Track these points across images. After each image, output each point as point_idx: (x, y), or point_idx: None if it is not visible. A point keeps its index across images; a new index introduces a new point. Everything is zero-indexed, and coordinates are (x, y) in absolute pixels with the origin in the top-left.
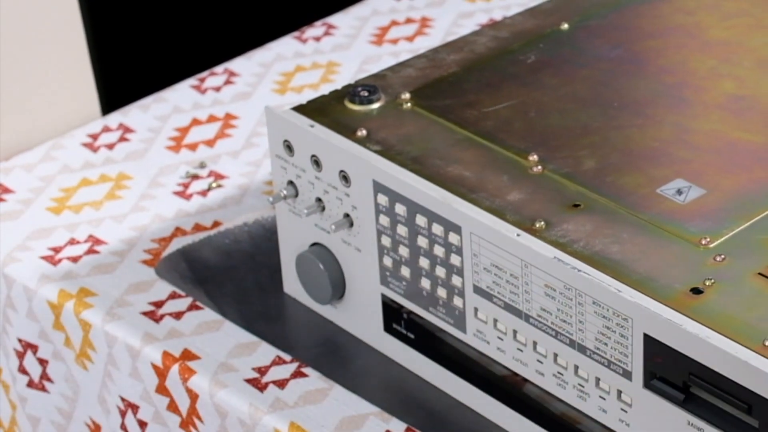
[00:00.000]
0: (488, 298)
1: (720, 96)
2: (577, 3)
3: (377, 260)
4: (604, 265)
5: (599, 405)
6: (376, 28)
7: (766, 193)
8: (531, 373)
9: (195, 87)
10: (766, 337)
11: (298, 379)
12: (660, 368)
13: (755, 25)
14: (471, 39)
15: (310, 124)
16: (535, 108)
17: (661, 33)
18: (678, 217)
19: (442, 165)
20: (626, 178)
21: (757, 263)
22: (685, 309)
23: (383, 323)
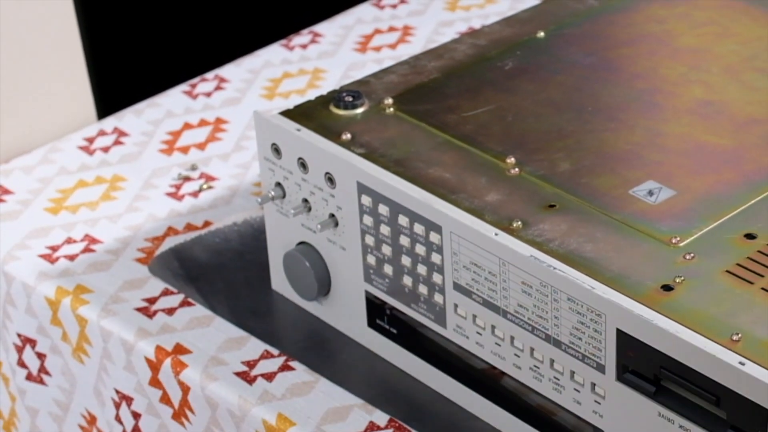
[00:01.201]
0: (467, 294)
1: (690, 101)
2: (553, 12)
3: (361, 258)
4: (578, 263)
5: (574, 397)
6: (360, 36)
7: (733, 194)
8: (509, 367)
9: (186, 92)
10: (733, 332)
11: (285, 373)
12: (632, 362)
13: (723, 34)
14: (451, 46)
15: (296, 128)
16: (513, 112)
17: (633, 41)
18: (649, 217)
19: (424, 167)
20: (600, 179)
21: (725, 261)
22: (656, 305)
23: (367, 319)
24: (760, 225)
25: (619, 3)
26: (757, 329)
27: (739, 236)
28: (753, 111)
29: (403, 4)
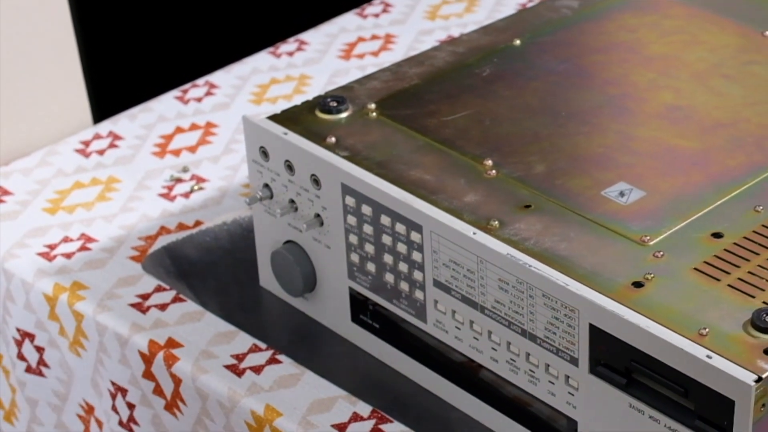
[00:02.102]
0: (447, 291)
1: (659, 106)
2: (529, 21)
3: (345, 256)
4: (553, 260)
5: (548, 389)
6: (344, 44)
7: (701, 194)
8: (486, 360)
9: (178, 98)
10: (701, 327)
11: (272, 365)
12: (604, 355)
13: (691, 41)
14: (431, 54)
15: (283, 131)
16: (490, 117)
17: (605, 48)
18: (621, 217)
19: (405, 169)
20: (573, 181)
21: (693, 259)
22: (628, 301)
23: (351, 314)
24: (726, 224)
25: (591, 12)
26: (724, 324)
27: (707, 235)
28: (720, 116)
29: (386, 13)
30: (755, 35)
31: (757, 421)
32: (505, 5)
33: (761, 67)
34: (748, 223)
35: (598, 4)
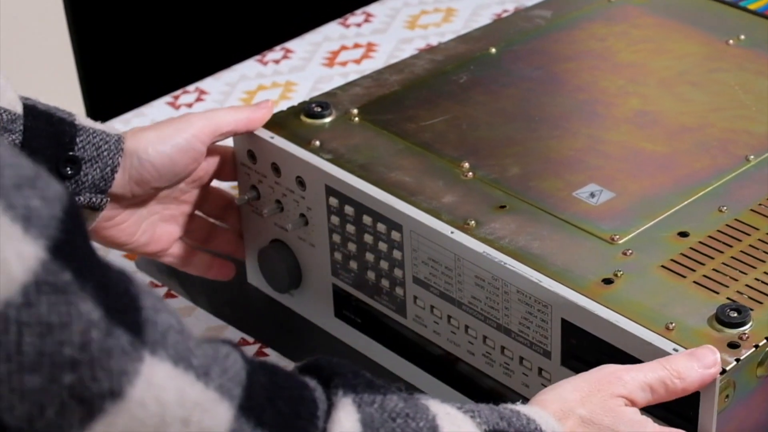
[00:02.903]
0: (426, 287)
1: (628, 111)
2: (503, 30)
3: (329, 254)
4: (526, 258)
5: (523, 381)
6: (328, 52)
7: (667, 196)
8: (463, 353)
9: (170, 103)
10: (668, 322)
11: (260, 358)
12: (576, 349)
13: (658, 50)
14: (411, 62)
15: (270, 135)
16: (467, 122)
17: (576, 56)
18: (591, 217)
19: (386, 171)
20: (546, 183)
21: (660, 257)
22: (598, 297)
23: (334, 309)
24: (692, 224)
25: (563, 22)
26: (690, 319)
27: (673, 234)
28: (685, 120)
29: (367, 23)
30: (719, 44)
31: (722, 411)
32: (481, 15)
33: (725, 74)
34: (713, 223)
35: (569, 15)
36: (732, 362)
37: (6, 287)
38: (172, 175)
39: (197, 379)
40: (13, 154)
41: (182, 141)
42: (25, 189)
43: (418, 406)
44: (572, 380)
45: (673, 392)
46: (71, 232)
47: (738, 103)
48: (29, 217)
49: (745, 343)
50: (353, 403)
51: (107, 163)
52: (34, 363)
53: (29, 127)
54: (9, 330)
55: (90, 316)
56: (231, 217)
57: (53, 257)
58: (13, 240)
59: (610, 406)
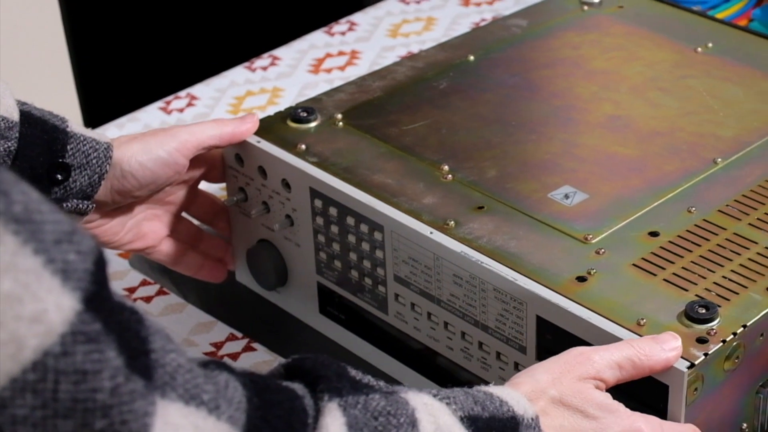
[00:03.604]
0: (406, 285)
1: (600, 116)
2: (481, 38)
3: (314, 254)
4: (503, 257)
5: (499, 374)
6: (314, 59)
7: (639, 197)
8: (442, 348)
9: (162, 108)
10: (639, 318)
11: (248, 353)
12: (550, 344)
13: (629, 57)
14: (393, 68)
15: (257, 140)
16: (446, 126)
17: (551, 64)
18: (565, 218)
19: (369, 174)
20: (522, 184)
21: (632, 256)
22: (572, 294)
23: (319, 306)
24: (662, 224)
25: (539, 31)
26: (660, 315)
27: (644, 234)
28: (656, 125)
29: (351, 31)
30: (688, 51)
31: (691, 403)
32: (460, 24)
33: (694, 80)
34: (682, 223)
35: (544, 23)
36: (700, 357)
37: (46, 338)
38: (154, 185)
39: (209, 414)
40: (52, 210)
41: (164, 154)
42: (64, 244)
43: (398, 402)
44: (545, 363)
45: (640, 369)
46: (100, 283)
47: (706, 108)
48: (67, 270)
49: (713, 339)
50: (339, 407)
51: (95, 170)
52: (68, 409)
53: (24, 134)
54: (47, 378)
55: (115, 362)
56: (220, 222)
57: (86, 308)
58: (53, 293)
59: (580, 389)
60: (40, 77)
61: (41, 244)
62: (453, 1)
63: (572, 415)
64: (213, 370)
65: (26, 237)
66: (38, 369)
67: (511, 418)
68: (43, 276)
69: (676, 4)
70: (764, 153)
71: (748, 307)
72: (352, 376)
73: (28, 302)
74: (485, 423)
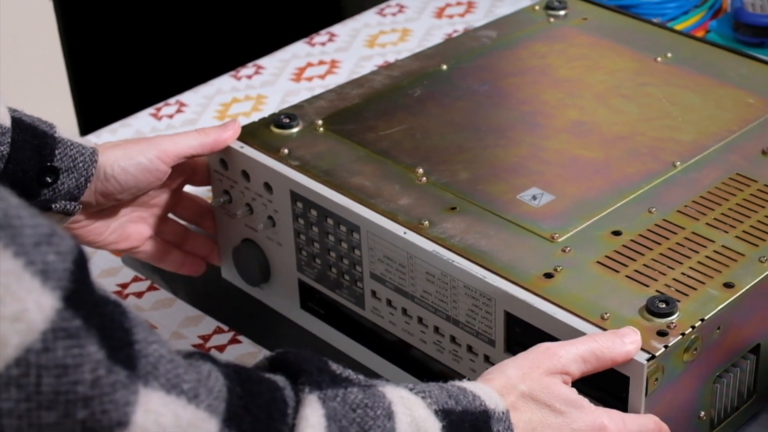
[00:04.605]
0: (382, 282)
1: (566, 122)
2: (454, 49)
3: (295, 252)
4: (474, 255)
5: (470, 366)
6: (296, 68)
7: (602, 198)
8: (416, 341)
9: (153, 115)
10: (603, 312)
11: (234, 345)
12: (518, 337)
13: (593, 66)
14: (370, 77)
15: (240, 145)
16: (421, 131)
17: (519, 72)
18: (533, 218)
19: (348, 176)
20: (492, 186)
21: (596, 254)
22: (539, 290)
23: (300, 302)
24: (624, 224)
25: (508, 41)
26: (623, 309)
27: (607, 233)
28: (618, 130)
29: (331, 42)
30: (648, 60)
31: (651, 393)
32: (434, 35)
33: (654, 88)
34: (644, 223)
35: (513, 34)
36: (661, 348)
37: (27, 335)
38: (136, 189)
39: (189, 402)
40: (31, 215)
41: (146, 161)
42: (43, 246)
43: (375, 395)
44: (514, 359)
45: (603, 362)
46: (80, 281)
47: (666, 114)
48: (47, 271)
49: (673, 332)
50: (318, 399)
51: (82, 173)
52: (51, 401)
53: (16, 139)
54: (29, 373)
55: (96, 356)
56: (206, 222)
57: (66, 306)
58: (33, 293)
59: (548, 384)
60: (38, 85)
61: (21, 248)
62: (427, 14)
63: (540, 409)
64: (197, 360)
65: (6, 241)
66: (21, 365)
67: (483, 411)
68: (23, 277)
69: (637, 16)
70: (720, 156)
71: (705, 301)
72: (332, 370)
73: (9, 303)
74: (458, 416)
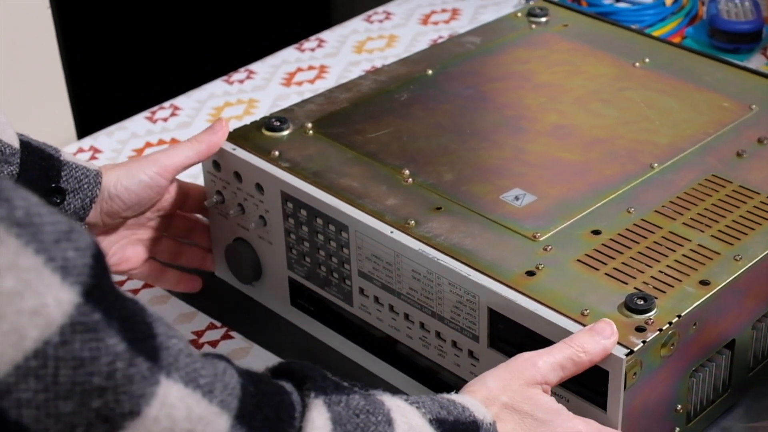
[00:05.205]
0: (369, 280)
1: (547, 125)
2: (439, 54)
3: (285, 251)
4: (459, 253)
5: (455, 361)
6: (286, 73)
7: (582, 198)
8: (402, 337)
9: (148, 118)
10: (583, 309)
11: (226, 340)
12: (501, 333)
13: (573, 71)
14: (358, 82)
15: (232, 147)
16: (407, 134)
17: (502, 77)
18: (516, 218)
19: (337, 177)
20: (476, 187)
21: (576, 252)
22: (521, 287)
23: (290, 299)
24: (603, 223)
25: (491, 47)
26: (602, 306)
27: (587, 232)
28: (597, 133)
29: (320, 48)
30: (627, 66)
31: (630, 387)
32: (420, 41)
33: (632, 92)
34: (622, 222)
35: (496, 41)
36: (639, 344)
37: (46, 329)
38: (138, 206)
39: (203, 397)
40: (51, 212)
41: (147, 178)
42: (63, 242)
43: (375, 402)
44: (494, 370)
45: (581, 365)
46: (99, 276)
47: (643, 117)
48: (66, 267)
49: (651, 327)
50: (324, 403)
51: (87, 194)
52: (68, 392)
53: (24, 160)
54: (47, 365)
55: (115, 348)
56: (197, 236)
57: (85, 300)
58: (52, 288)
59: (529, 395)
60: (37, 91)
61: (42, 245)
62: (413, 21)
63: (523, 419)
64: (212, 358)
65: (28, 239)
66: (39, 357)
67: (473, 422)
68: (43, 273)
69: (616, 23)
70: (697, 158)
71: (682, 298)
72: (333, 379)
73: (28, 297)
74: (451, 425)
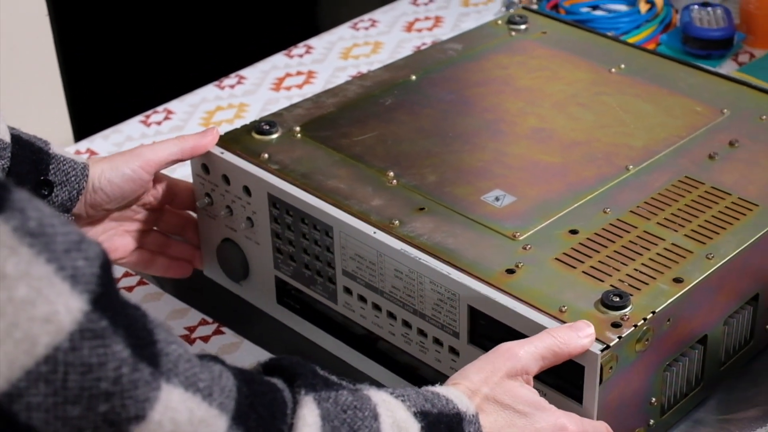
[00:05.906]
0: (353, 278)
1: (527, 128)
2: (422, 60)
3: (272, 251)
4: (441, 252)
5: (435, 357)
6: (275, 78)
7: (560, 199)
8: (385, 333)
9: (142, 122)
10: (561, 306)
11: (217, 336)
12: (481, 329)
13: (552, 77)
14: (344, 87)
15: (220, 151)
16: (392, 137)
17: (483, 82)
18: (496, 218)
19: (324, 179)
20: (458, 188)
21: (554, 251)
22: (502, 285)
23: (276, 297)
24: (581, 223)
25: (472, 53)
26: (579, 303)
27: (565, 232)
28: (575, 136)
29: (308, 54)
30: (604, 71)
31: (606, 381)
32: (404, 48)
33: (609, 97)
34: (599, 222)
35: (477, 47)
36: (614, 339)
37: (57, 335)
38: (122, 199)
39: (203, 400)
40: (62, 223)
41: (130, 171)
42: (73, 252)
43: (362, 398)
44: (477, 362)
45: (560, 357)
46: (107, 285)
47: (619, 121)
48: (76, 276)
49: (626, 323)
50: (314, 400)
51: (74, 186)
52: (76, 396)
53: (15, 154)
54: (57, 370)
55: (121, 354)
56: (188, 232)
57: (93, 308)
58: (63, 296)
59: (510, 387)
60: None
61: (53, 254)
62: (397, 28)
63: (504, 410)
64: (208, 361)
65: (40, 248)
66: (50, 362)
67: (456, 414)
68: (54, 282)
69: (592, 30)
70: (670, 161)
71: (656, 295)
72: (322, 374)
73: (40, 305)
74: (435, 417)
